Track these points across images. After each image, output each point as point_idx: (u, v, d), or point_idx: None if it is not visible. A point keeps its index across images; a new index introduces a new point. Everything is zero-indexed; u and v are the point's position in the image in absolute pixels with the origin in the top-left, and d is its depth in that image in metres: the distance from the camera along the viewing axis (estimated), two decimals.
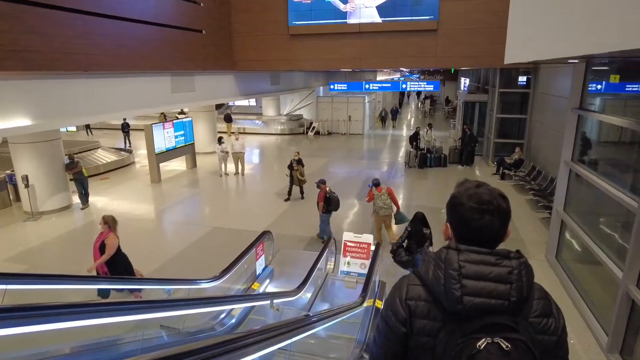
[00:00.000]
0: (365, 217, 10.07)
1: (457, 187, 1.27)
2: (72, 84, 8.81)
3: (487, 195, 1.16)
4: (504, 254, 1.13)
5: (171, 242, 8.68)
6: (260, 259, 6.60)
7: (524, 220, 9.44)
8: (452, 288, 1.08)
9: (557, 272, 6.93)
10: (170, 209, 10.87)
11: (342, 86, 23.77)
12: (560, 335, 1.15)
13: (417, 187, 12.78)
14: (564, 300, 6.14)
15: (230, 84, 16.63)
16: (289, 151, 19.14)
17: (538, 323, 1.12)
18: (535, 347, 1.06)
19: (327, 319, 3.67)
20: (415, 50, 14.03)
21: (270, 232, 6.99)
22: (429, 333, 1.14)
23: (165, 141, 13.66)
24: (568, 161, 6.87)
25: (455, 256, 1.12)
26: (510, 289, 1.07)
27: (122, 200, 11.47)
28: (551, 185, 10.26)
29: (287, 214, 10.33)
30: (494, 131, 14.51)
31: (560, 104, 10.37)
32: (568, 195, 7.01)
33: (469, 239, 1.17)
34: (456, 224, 1.21)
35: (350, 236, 6.90)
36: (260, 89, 19.56)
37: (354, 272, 6.76)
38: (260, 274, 6.63)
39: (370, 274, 5.27)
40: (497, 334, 1.03)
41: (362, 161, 16.37)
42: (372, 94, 27.12)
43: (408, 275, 1.30)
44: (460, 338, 1.06)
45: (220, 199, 12.01)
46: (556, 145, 10.50)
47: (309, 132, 23.03)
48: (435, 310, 1.14)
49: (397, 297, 1.24)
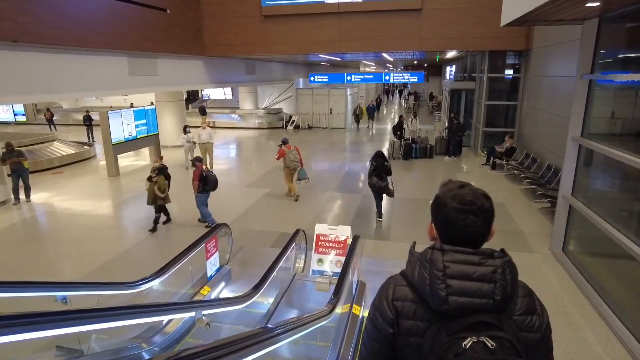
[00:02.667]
0: (346, 209, 8.95)
1: (441, 187, 1.22)
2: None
3: (470, 196, 1.15)
4: (488, 254, 1.12)
5: (115, 241, 7.38)
6: (212, 258, 5.40)
7: (521, 211, 8.46)
8: (437, 288, 1.08)
9: (566, 267, 5.92)
10: (123, 204, 9.54)
11: (323, 78, 22.73)
12: (544, 332, 1.14)
13: (401, 179, 11.73)
14: (578, 298, 5.12)
15: (199, 71, 15.31)
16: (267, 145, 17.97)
17: (522, 321, 1.12)
18: (520, 344, 1.06)
19: (276, 337, 2.52)
20: (399, 31, 13.01)
21: (226, 225, 5.79)
22: (416, 333, 1.14)
23: (125, 131, 12.29)
24: (577, 137, 5.87)
25: (440, 256, 1.11)
26: (495, 287, 1.07)
27: (69, 195, 10.08)
28: (549, 173, 9.33)
29: (257, 207, 9.14)
30: (482, 120, 13.58)
31: (558, 85, 9.46)
32: (577, 178, 6.01)
33: (454, 239, 1.15)
34: (440, 224, 1.19)
35: (323, 228, 5.75)
36: (234, 79, 18.28)
37: (328, 271, 5.61)
38: (213, 276, 5.42)
39: (345, 274, 4.14)
40: (482, 333, 1.03)
41: (343, 154, 15.27)
42: (354, 87, 26.12)
43: (394, 276, 1.29)
44: (447, 337, 1.06)
45: (183, 193, 10.70)
46: (553, 129, 9.59)
47: (288, 126, 21.84)
48: (422, 310, 1.14)
49: (383, 298, 1.23)
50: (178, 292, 5.16)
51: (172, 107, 16.07)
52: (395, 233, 7.52)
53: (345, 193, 10.18)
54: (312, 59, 19.76)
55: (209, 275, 5.35)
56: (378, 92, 41.80)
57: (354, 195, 9.96)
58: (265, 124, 22.15)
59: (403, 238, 7.24)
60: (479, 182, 11.15)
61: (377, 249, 6.85)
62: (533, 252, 6.47)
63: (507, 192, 9.86)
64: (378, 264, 6.28)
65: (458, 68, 18.75)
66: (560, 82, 9.33)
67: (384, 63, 25.63)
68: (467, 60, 17.96)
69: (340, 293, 3.68)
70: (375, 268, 6.14)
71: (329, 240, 5.75)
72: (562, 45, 9.25)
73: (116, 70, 11.05)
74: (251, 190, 10.38)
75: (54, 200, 9.61)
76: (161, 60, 12.89)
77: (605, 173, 5.80)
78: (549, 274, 5.82)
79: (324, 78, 22.84)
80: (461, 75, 19.13)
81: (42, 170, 12.47)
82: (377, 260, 6.35)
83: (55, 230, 8.03)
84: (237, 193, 10.30)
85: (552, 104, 9.86)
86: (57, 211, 8.96)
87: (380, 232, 7.63)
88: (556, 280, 5.60)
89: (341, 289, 3.76)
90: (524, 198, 9.34)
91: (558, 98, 9.47)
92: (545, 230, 7.37)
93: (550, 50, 10.11)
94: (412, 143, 13.90)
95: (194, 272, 5.34)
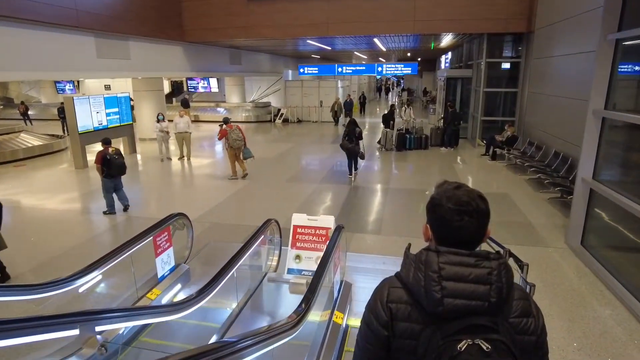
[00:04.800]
0: (333, 201, 8.02)
1: (437, 188, 1.21)
2: None
3: (465, 197, 1.14)
4: (483, 255, 1.09)
5: (69, 236, 6.37)
6: (164, 255, 4.44)
7: (528, 202, 7.58)
8: (432, 290, 1.06)
9: (587, 262, 5.04)
10: (85, 198, 8.52)
11: (313, 69, 21.80)
12: (540, 335, 1.12)
13: (394, 171, 10.82)
14: (609, 300, 4.23)
15: (178, 57, 14.28)
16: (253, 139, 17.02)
17: (518, 323, 1.09)
18: (516, 347, 1.04)
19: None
20: (392, 14, 12.08)
21: (184, 215, 4.82)
22: (411, 335, 1.12)
23: (94, 119, 11.26)
24: (599, 110, 4.99)
25: (435, 258, 1.09)
26: (490, 290, 1.05)
27: (26, 188, 9.05)
28: (556, 160, 8.49)
29: (233, 199, 8.17)
30: (480, 108, 12.71)
31: (567, 64, 8.60)
32: (600, 158, 5.12)
33: (449, 240, 1.14)
34: (436, 225, 1.17)
35: (301, 219, 4.82)
36: (218, 68, 17.25)
37: (306, 270, 4.67)
38: (165, 276, 4.46)
39: (321, 273, 3.22)
40: (477, 335, 1.02)
41: (333, 145, 14.31)
42: (346, 80, 25.21)
43: (389, 278, 1.24)
44: (441, 340, 1.04)
45: (152, 186, 9.72)
46: (560, 114, 8.74)
47: (276, 119, 20.87)
48: (416, 312, 1.12)
49: (378, 300, 1.19)
50: (120, 296, 4.21)
51: (150, 97, 15.01)
52: (388, 226, 6.61)
53: (333, 184, 9.25)
54: (302, 48, 18.81)
55: (159, 276, 4.39)
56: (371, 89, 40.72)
57: (343, 186, 9.04)
58: (253, 117, 21.16)
59: (396, 231, 6.33)
60: (479, 173, 10.27)
61: (367, 244, 5.93)
62: (548, 247, 5.58)
63: (511, 182, 8.99)
64: (368, 260, 5.36)
65: (454, 57, 17.90)
66: (569, 61, 8.48)
67: (377, 55, 24.73)
68: (463, 49, 17.13)
69: (313, 299, 2.75)
70: (364, 265, 5.22)
71: (308, 233, 4.83)
72: (570, 21, 8.40)
73: (82, 51, 10.02)
74: (228, 182, 9.42)
75: (8, 193, 8.56)
76: (134, 44, 11.87)
77: (635, 150, 4.93)
78: (569, 270, 4.93)
79: (313, 70, 21.93)
80: (457, 65, 18.29)
81: (4, 162, 11.44)
82: (366, 257, 5.44)
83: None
84: (212, 185, 9.33)
85: (559, 86, 9.00)
86: (7, 204, 7.91)
87: (371, 224, 6.71)
88: (578, 279, 4.71)
89: (315, 293, 2.83)
90: (529, 188, 8.47)
91: (567, 79, 8.61)
92: (557, 222, 6.50)
93: (557, 28, 9.25)
94: (406, 133, 13.00)
95: (141, 272, 4.40)
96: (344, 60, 28.55)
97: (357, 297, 4.29)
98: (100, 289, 4.54)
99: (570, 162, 7.86)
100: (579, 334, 3.68)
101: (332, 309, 3.73)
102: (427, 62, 30.53)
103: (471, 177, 9.91)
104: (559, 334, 3.68)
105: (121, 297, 4.14)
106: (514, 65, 12.45)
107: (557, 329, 3.74)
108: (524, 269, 3.28)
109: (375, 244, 5.96)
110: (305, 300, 2.66)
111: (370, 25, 12.31)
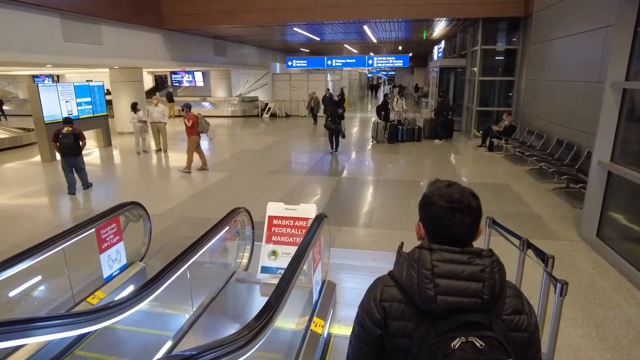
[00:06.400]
0: (320, 193, 7.32)
1: (429, 186, 1.21)
2: None
3: (457, 194, 1.13)
4: (476, 253, 1.09)
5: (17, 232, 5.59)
6: (111, 251, 3.70)
7: (531, 193, 6.95)
8: (425, 287, 1.06)
9: (607, 256, 4.41)
10: (42, 193, 7.72)
11: (301, 62, 21.11)
12: (532, 332, 1.11)
13: (386, 163, 10.16)
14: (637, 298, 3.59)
15: (157, 46, 13.45)
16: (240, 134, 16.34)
17: (511, 321, 1.09)
18: (509, 344, 1.04)
19: None
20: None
21: (138, 204, 4.09)
22: (404, 334, 1.11)
23: (63, 108, 10.42)
24: (620, 82, 4.36)
25: (428, 255, 1.09)
26: (483, 287, 1.04)
27: None
28: (560, 148, 7.88)
29: (208, 192, 7.43)
30: (476, 98, 12.10)
31: (573, 44, 7.99)
32: (619, 138, 4.50)
33: (441, 238, 1.13)
34: (428, 223, 1.17)
35: (278, 209, 4.12)
36: (201, 59, 16.43)
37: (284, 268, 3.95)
38: (113, 276, 3.73)
39: (292, 272, 2.54)
40: (471, 333, 1.01)
41: (322, 138, 13.61)
42: (336, 75, 24.56)
43: (382, 277, 1.23)
44: (435, 338, 1.03)
45: (122, 179, 8.93)
46: (564, 99, 8.15)
47: (264, 114, 20.11)
48: (410, 311, 1.11)
49: (371, 299, 1.18)
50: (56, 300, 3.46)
51: (129, 88, 14.14)
52: (379, 218, 5.93)
53: (320, 176, 8.56)
54: (290, 38, 18.08)
55: (105, 276, 3.65)
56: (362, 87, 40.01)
57: (330, 177, 8.35)
58: (240, 112, 20.37)
59: (389, 224, 5.65)
60: (476, 164, 9.64)
61: (356, 238, 5.24)
62: (559, 239, 4.94)
63: (511, 173, 8.37)
64: (356, 256, 4.68)
65: (447, 47, 17.28)
66: (572, 42, 7.89)
67: (368, 49, 24.07)
68: (456, 40, 16.54)
69: (278, 307, 2.05)
70: (352, 262, 4.53)
71: (286, 225, 4.12)
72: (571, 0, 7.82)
73: (45, 32, 9.19)
74: (203, 174, 8.67)
75: None
76: (107, 28, 11.06)
77: None
78: (586, 265, 4.30)
79: (302, 63, 21.23)
80: (451, 56, 17.70)
81: None
82: (354, 253, 4.76)
83: None
84: (186, 177, 8.57)
85: (561, 70, 8.41)
86: None
87: (360, 217, 6.02)
88: (599, 276, 4.08)
89: (281, 299, 2.13)
90: (531, 179, 7.86)
91: (570, 61, 8.03)
92: (564, 213, 5.88)
93: (556, 8, 8.66)
94: (398, 125, 12.35)
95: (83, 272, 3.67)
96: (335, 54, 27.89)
97: (342, 299, 3.60)
98: (30, 293, 3.79)
99: (576, 150, 7.27)
100: (611, 342, 3.03)
101: (311, 315, 3.04)
102: (419, 57, 29.93)
103: (468, 168, 9.28)
104: (587, 342, 3.03)
105: (56, 302, 3.40)
106: (510, 53, 11.87)
107: (585, 337, 3.09)
108: (548, 263, 2.62)
109: (365, 238, 5.28)
110: (266, 309, 1.96)
111: (360, 10, 11.64)
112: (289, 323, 3.11)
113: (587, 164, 6.66)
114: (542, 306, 2.67)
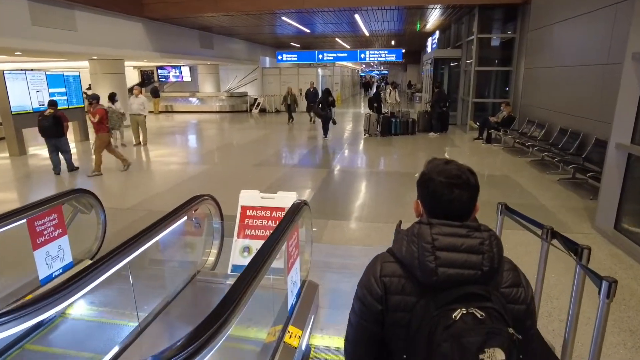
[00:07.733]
0: (307, 184, 6.74)
1: (427, 164, 1.21)
2: None
3: (455, 170, 1.14)
4: (474, 227, 1.10)
5: None
6: (50, 246, 3.09)
7: (536, 185, 6.43)
8: (426, 260, 1.06)
9: (629, 250, 3.89)
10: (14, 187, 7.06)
11: (292, 56, 20.54)
12: (529, 304, 1.13)
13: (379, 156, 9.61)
14: None
15: (138, 34, 12.77)
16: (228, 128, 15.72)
17: (509, 293, 1.11)
18: (507, 315, 1.04)
19: None
20: None
21: (88, 192, 3.48)
22: (405, 308, 1.10)
23: (33, 99, 9.73)
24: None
25: (428, 230, 1.09)
26: (482, 259, 1.05)
27: None
28: (563, 138, 7.41)
29: (181, 186, 6.81)
30: (472, 90, 11.60)
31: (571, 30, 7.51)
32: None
33: (440, 214, 1.13)
34: (427, 200, 1.17)
35: (252, 197, 3.53)
36: (186, 50, 15.75)
37: None
38: (53, 277, 3.12)
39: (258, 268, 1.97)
40: (471, 304, 1.01)
41: (312, 132, 13.04)
42: (328, 69, 23.99)
43: (381, 253, 1.21)
44: (436, 310, 1.03)
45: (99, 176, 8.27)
46: (567, 86, 7.66)
47: (253, 109, 19.49)
48: (410, 285, 1.11)
49: (371, 275, 1.17)
50: None
51: (109, 80, 13.46)
52: (372, 211, 5.37)
53: (307, 168, 7.99)
54: (279, 31, 17.48)
55: (42, 277, 3.04)
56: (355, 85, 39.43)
57: (319, 170, 7.78)
58: (228, 107, 19.71)
59: (382, 217, 5.09)
60: (473, 157, 9.11)
61: (347, 233, 4.67)
62: (573, 232, 4.41)
63: (512, 165, 7.85)
64: (345, 253, 4.12)
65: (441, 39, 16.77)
66: (573, 25, 7.41)
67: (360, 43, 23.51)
68: (450, 32, 16.04)
69: (228, 317, 1.48)
70: (339, 260, 3.97)
71: (261, 216, 3.54)
72: None
73: (10, 14, 8.50)
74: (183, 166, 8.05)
75: None
76: (82, 14, 10.38)
77: None
78: (606, 260, 3.78)
79: (292, 57, 20.64)
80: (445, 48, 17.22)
81: None
82: (342, 248, 4.19)
83: None
84: (163, 170, 7.95)
85: (562, 55, 7.92)
86: None
87: (350, 210, 5.45)
88: (623, 272, 3.56)
89: (232, 307, 1.57)
90: (534, 170, 7.36)
91: (572, 45, 7.54)
92: (574, 205, 5.37)
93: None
94: (392, 117, 11.82)
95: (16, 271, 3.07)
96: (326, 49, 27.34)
97: (326, 303, 3.04)
98: None
99: (582, 138, 6.78)
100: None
101: (285, 323, 2.47)
102: (412, 54, 29.46)
103: (465, 160, 8.48)
104: (623, 353, 2.49)
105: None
106: (507, 43, 11.39)
107: (620, 347, 2.56)
108: (582, 255, 2.07)
109: (356, 232, 4.72)
110: (209, 322, 1.39)
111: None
112: (256, 333, 2.54)
113: (595, 152, 6.19)
114: (574, 310, 2.13)
